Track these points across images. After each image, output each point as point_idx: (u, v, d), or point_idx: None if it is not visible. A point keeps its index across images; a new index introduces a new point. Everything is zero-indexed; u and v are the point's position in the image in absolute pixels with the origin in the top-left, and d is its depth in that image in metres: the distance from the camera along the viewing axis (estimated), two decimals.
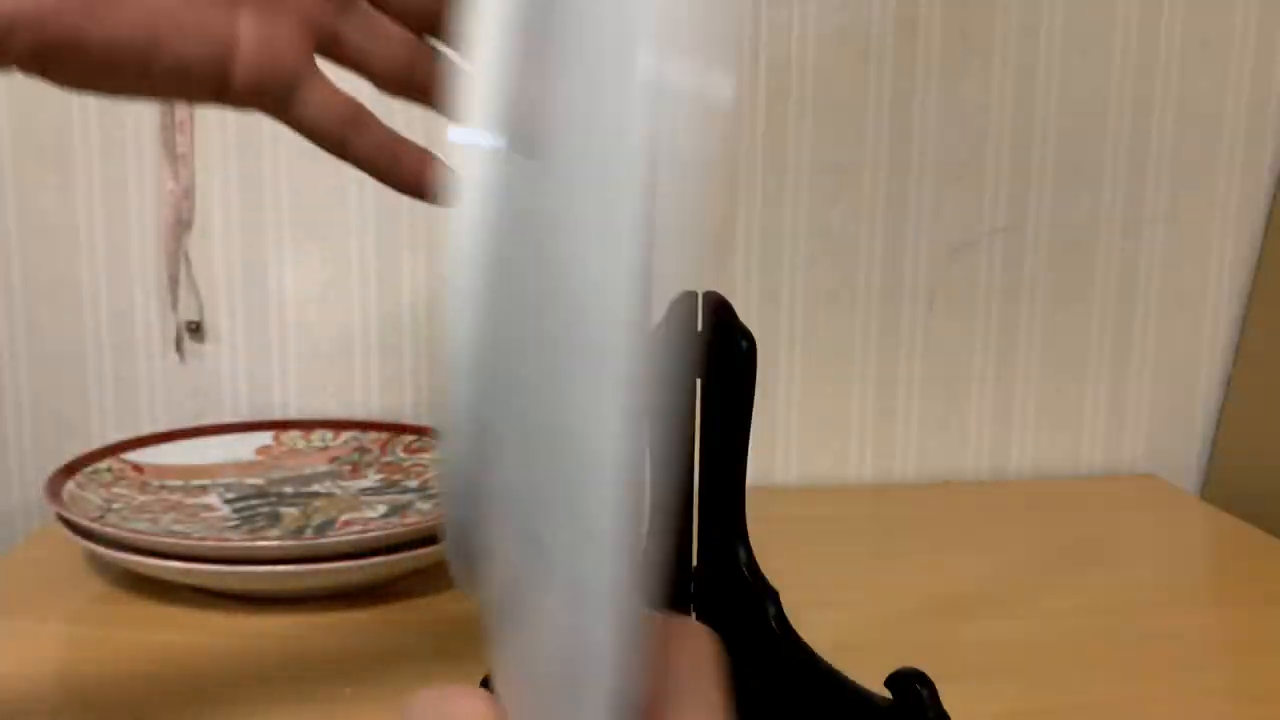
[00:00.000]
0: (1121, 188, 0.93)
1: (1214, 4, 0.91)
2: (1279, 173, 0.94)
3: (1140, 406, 0.97)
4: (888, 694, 0.51)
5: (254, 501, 0.76)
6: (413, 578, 0.71)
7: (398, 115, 0.44)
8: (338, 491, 0.78)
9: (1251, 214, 0.95)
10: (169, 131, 0.85)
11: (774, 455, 0.93)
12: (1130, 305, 0.95)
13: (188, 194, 0.86)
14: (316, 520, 0.73)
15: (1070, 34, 0.91)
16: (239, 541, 0.67)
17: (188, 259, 0.87)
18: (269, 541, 0.67)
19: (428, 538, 0.67)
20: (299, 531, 0.71)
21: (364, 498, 0.77)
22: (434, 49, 0.43)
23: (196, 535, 0.68)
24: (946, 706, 0.54)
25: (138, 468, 0.79)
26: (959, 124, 0.91)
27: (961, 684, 0.60)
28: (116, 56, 0.35)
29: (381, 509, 0.74)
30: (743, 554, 0.58)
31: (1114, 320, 0.95)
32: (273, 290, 0.89)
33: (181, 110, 0.84)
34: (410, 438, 0.84)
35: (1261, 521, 0.84)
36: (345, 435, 0.86)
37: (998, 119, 0.91)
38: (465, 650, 0.62)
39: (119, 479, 0.76)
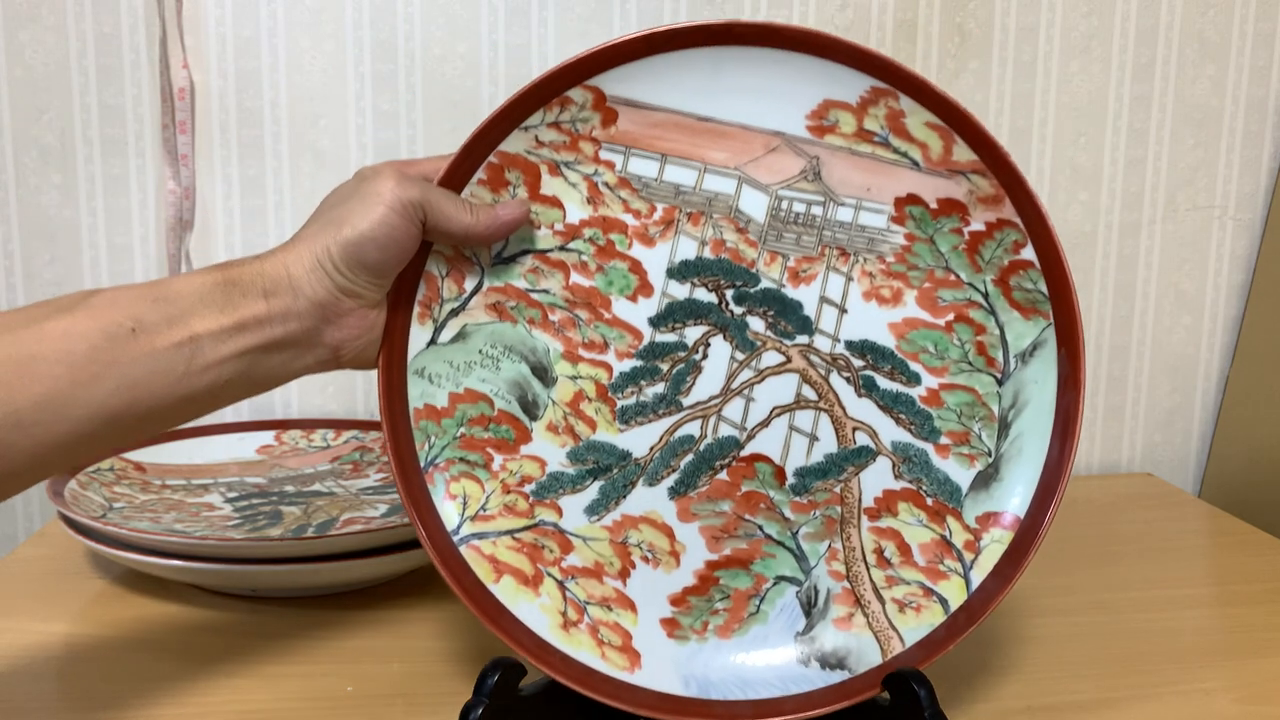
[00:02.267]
0: (1119, 187, 0.94)
1: (1212, 4, 0.92)
2: (1277, 172, 0.94)
3: (1138, 405, 0.97)
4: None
5: (255, 500, 0.76)
6: (413, 578, 0.71)
7: None
8: (339, 490, 0.79)
9: (1249, 213, 0.95)
10: (169, 132, 0.85)
11: None
12: (1128, 304, 0.95)
13: (188, 194, 0.86)
14: (318, 519, 0.73)
15: (1069, 34, 0.91)
16: (241, 540, 0.67)
17: (189, 259, 0.87)
18: (270, 540, 0.67)
19: None
20: (300, 530, 0.71)
21: (365, 497, 0.77)
22: None
23: (198, 534, 0.68)
24: (944, 705, 0.54)
25: (140, 467, 0.79)
26: None
27: (960, 682, 0.60)
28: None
29: (382, 508, 0.75)
30: None
31: (1112, 319, 0.95)
32: None
33: (182, 111, 0.85)
34: None
35: (1260, 519, 0.84)
36: (346, 434, 0.86)
37: (997, 118, 0.91)
38: (465, 650, 0.63)
39: (121, 478, 0.77)
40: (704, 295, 0.54)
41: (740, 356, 0.54)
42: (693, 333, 0.54)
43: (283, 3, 0.85)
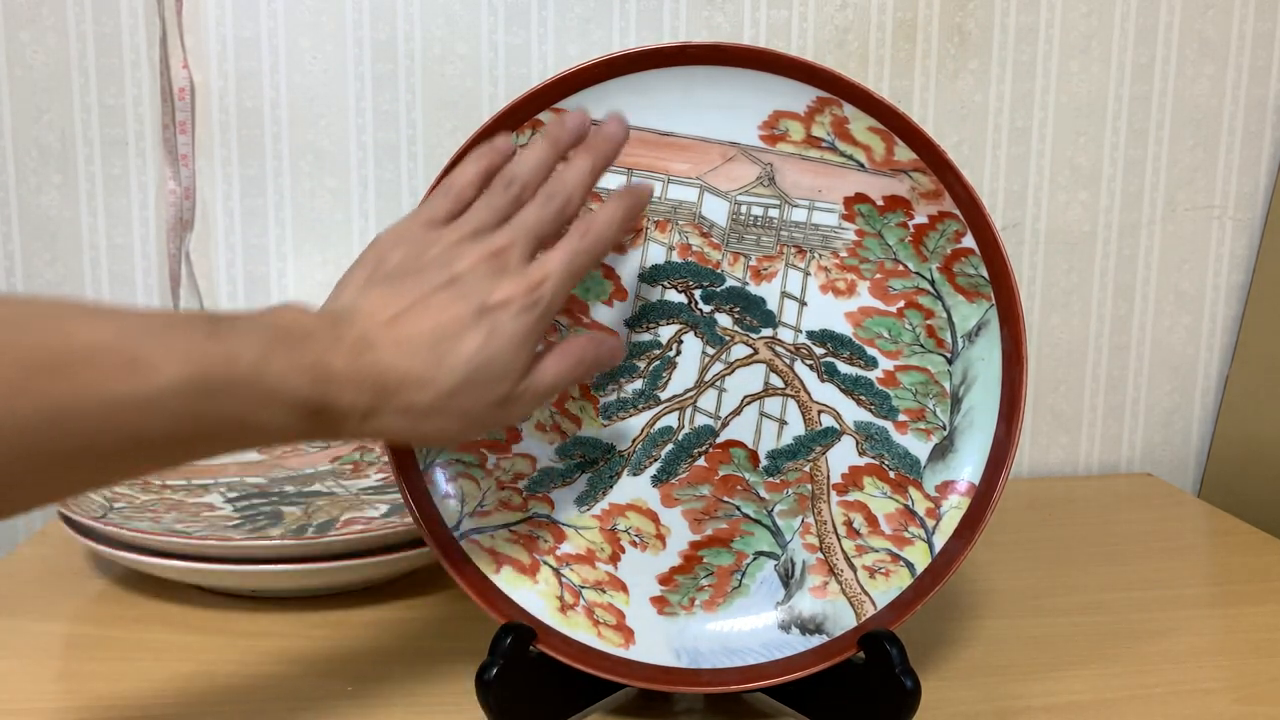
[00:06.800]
0: (1119, 187, 0.94)
1: (1211, 4, 0.92)
2: (1276, 172, 0.94)
3: (1138, 406, 0.97)
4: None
5: (256, 500, 0.76)
6: (413, 578, 0.71)
7: None
8: (339, 491, 0.79)
9: (1248, 213, 0.95)
10: (170, 132, 0.85)
11: None
12: (1128, 304, 0.95)
13: (188, 194, 0.86)
14: (318, 519, 0.73)
15: (1069, 34, 0.91)
16: (241, 540, 0.67)
17: (188, 259, 0.87)
18: (270, 541, 0.67)
19: None
20: (300, 531, 0.71)
21: (365, 497, 0.77)
22: None
23: (198, 534, 0.68)
24: (946, 702, 0.54)
25: None
26: (958, 123, 0.91)
27: (960, 680, 0.60)
28: None
29: (382, 508, 0.75)
30: None
31: (1111, 319, 0.95)
32: (274, 291, 0.89)
33: (182, 111, 0.85)
34: None
35: (1259, 520, 0.84)
36: None
37: (996, 118, 0.91)
38: (465, 650, 0.63)
39: None
40: (674, 296, 0.58)
41: (711, 351, 0.58)
42: (666, 331, 0.58)
43: (283, 3, 0.85)
